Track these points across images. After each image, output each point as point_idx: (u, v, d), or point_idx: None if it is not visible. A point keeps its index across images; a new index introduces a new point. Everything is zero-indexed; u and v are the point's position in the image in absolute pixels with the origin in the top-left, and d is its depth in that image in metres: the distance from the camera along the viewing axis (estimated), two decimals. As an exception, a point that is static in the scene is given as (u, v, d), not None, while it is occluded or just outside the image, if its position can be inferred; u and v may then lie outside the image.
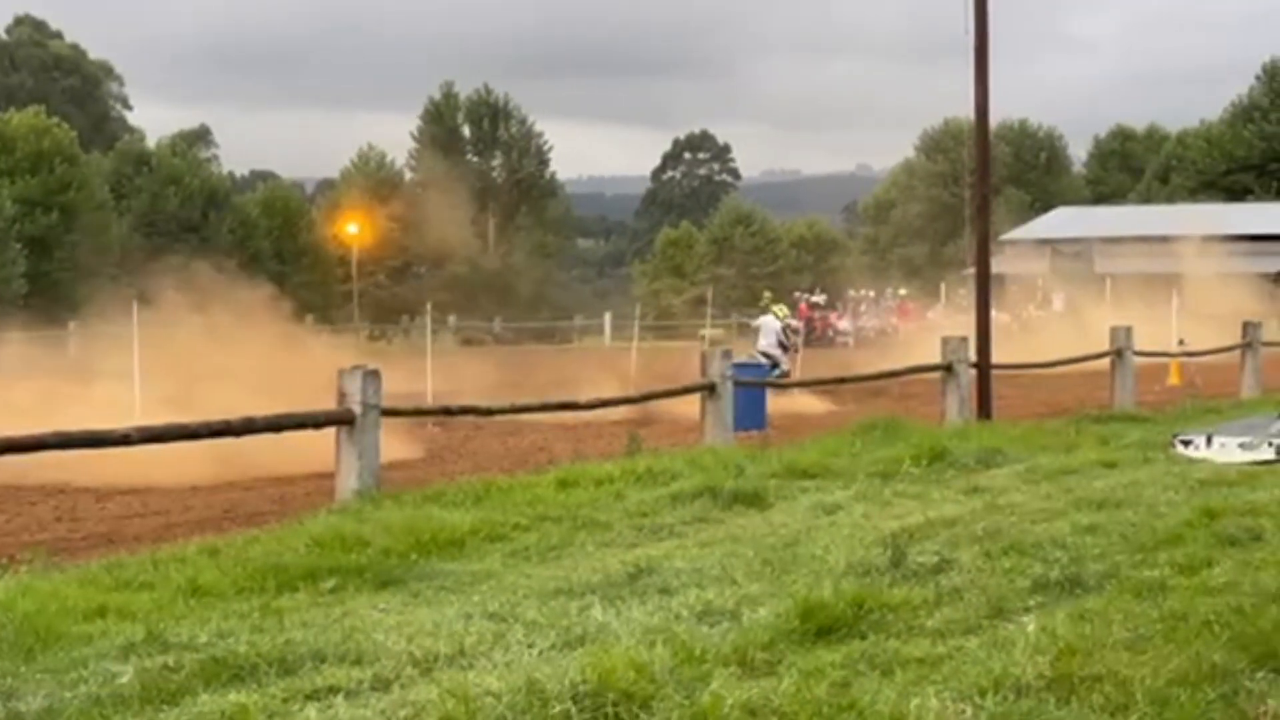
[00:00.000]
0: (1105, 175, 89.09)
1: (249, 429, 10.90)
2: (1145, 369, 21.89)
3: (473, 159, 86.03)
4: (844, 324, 54.13)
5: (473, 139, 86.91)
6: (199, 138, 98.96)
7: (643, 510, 9.92)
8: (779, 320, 27.64)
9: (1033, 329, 42.00)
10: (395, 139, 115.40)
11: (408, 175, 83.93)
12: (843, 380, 21.53)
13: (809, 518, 9.54)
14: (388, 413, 11.56)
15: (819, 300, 56.41)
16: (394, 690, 5.31)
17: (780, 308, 29.01)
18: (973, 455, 12.30)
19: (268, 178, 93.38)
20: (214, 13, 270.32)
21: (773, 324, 27.35)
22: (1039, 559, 7.53)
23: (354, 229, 71.31)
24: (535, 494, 10.59)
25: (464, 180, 79.32)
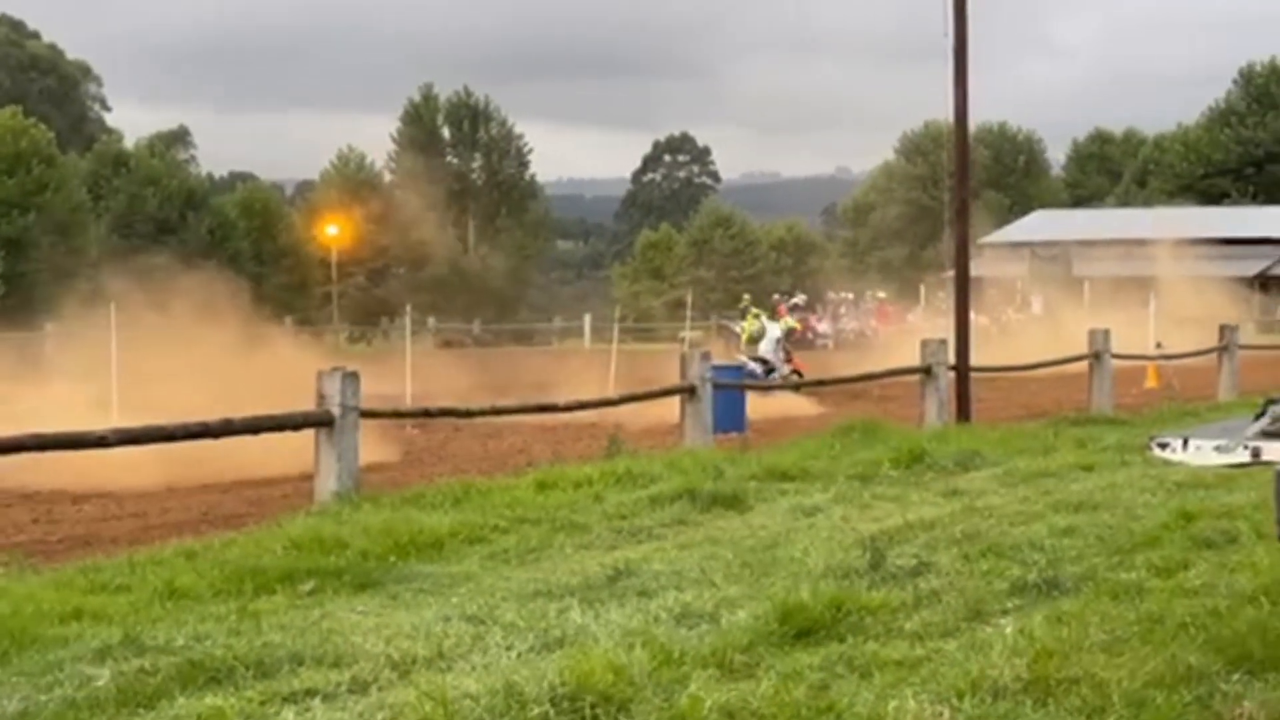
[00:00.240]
0: (1083, 178, 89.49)
1: (228, 431, 10.88)
2: (1123, 372, 21.95)
3: (452, 161, 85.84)
4: (823, 326, 54.10)
5: (452, 140, 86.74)
6: (177, 139, 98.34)
7: (622, 513, 9.92)
8: (780, 327, 27.69)
9: (1011, 332, 42.09)
10: (375, 140, 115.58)
11: (387, 177, 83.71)
12: (821, 382, 21.68)
13: (788, 520, 9.56)
14: (367, 414, 11.55)
15: (799, 302, 56.37)
16: (372, 693, 5.31)
17: (787, 320, 29.03)
18: (951, 458, 12.35)
19: (246, 179, 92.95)
20: (193, 14, 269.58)
21: (774, 330, 27.40)
22: (1017, 561, 7.56)
23: (333, 230, 71.18)
24: (514, 496, 10.59)
25: (443, 182, 79.31)
